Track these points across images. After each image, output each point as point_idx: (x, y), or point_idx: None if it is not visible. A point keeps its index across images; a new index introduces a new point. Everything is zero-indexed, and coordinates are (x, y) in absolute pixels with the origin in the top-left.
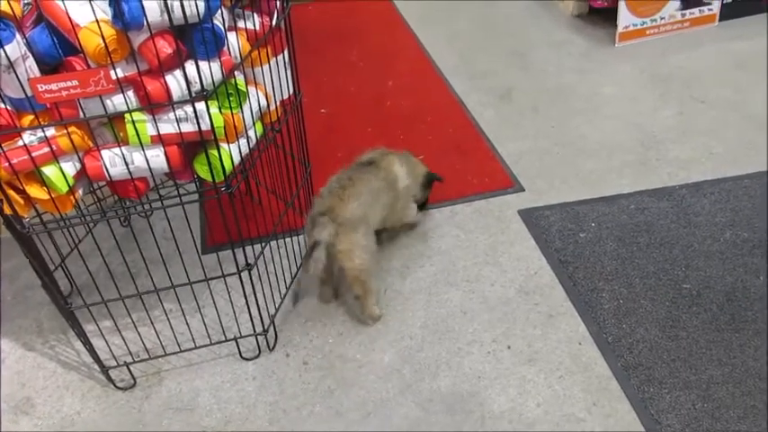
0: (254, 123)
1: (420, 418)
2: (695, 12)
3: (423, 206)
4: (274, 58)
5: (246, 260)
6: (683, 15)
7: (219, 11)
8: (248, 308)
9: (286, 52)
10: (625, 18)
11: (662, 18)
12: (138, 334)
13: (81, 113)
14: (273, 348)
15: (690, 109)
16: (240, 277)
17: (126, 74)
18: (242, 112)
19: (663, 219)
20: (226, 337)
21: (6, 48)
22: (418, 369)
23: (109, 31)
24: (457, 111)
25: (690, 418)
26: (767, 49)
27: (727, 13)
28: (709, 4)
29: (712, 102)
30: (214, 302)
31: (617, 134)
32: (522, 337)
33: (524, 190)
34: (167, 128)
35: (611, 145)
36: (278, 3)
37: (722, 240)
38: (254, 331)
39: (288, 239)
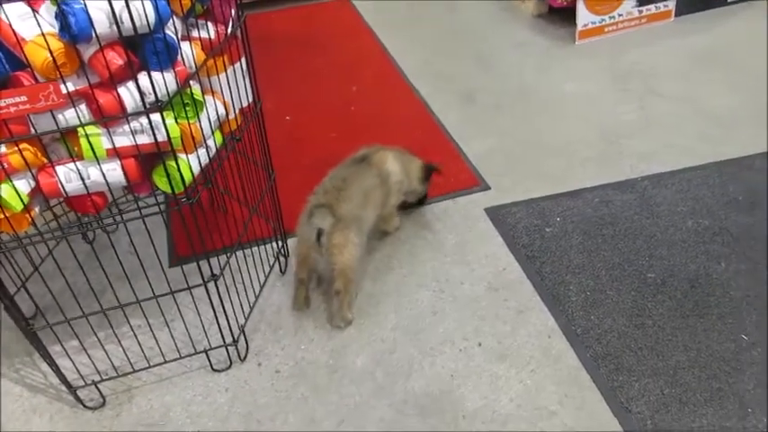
0: (212, 133)
1: (395, 421)
2: (651, 8)
3: (422, 201)
4: (231, 67)
5: (212, 271)
6: (640, 12)
7: (171, 21)
8: (217, 319)
9: (243, 60)
10: (584, 16)
11: (619, 15)
12: (106, 352)
13: (32, 129)
14: (245, 359)
15: (649, 103)
16: (206, 288)
17: (77, 87)
18: (199, 122)
19: (626, 210)
20: (195, 349)
21: None
22: (391, 371)
23: (56, 45)
24: (422, 113)
25: (659, 404)
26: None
27: (682, 9)
28: (664, 0)
29: (670, 96)
30: (182, 316)
31: (579, 130)
32: (492, 334)
33: (490, 188)
34: (123, 140)
35: (573, 141)
36: (233, 11)
37: (684, 229)
38: (224, 342)
39: (255, 249)
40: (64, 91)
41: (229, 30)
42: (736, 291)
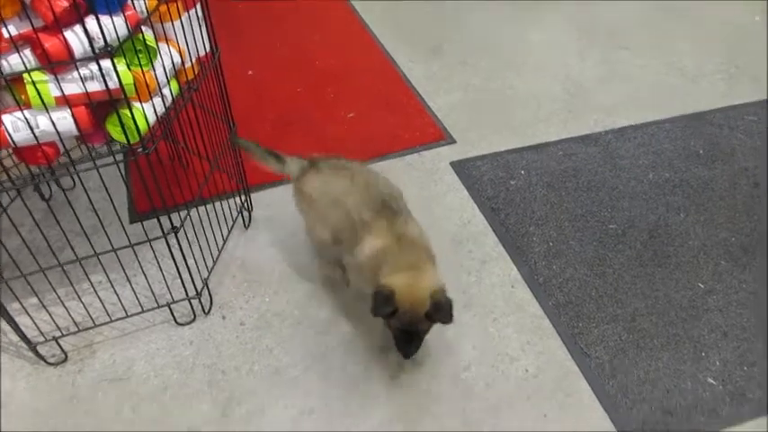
0: (168, 81)
1: (359, 371)
2: None
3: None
4: (186, 14)
5: (172, 224)
6: None
7: None
8: (179, 273)
9: (199, 7)
10: None
11: None
12: (66, 308)
13: None
14: (209, 312)
15: (614, 57)
16: (167, 241)
17: (20, 31)
18: (153, 70)
19: (590, 163)
20: (158, 303)
21: None
22: (356, 323)
23: None
24: (386, 67)
25: (617, 349)
26: None
27: None
28: None
29: (635, 49)
30: (143, 271)
31: (545, 84)
32: (457, 285)
33: (455, 142)
34: (72, 88)
35: (539, 95)
36: None
37: (645, 181)
38: (188, 296)
39: (217, 203)
40: (5, 35)
41: None
42: (694, 240)
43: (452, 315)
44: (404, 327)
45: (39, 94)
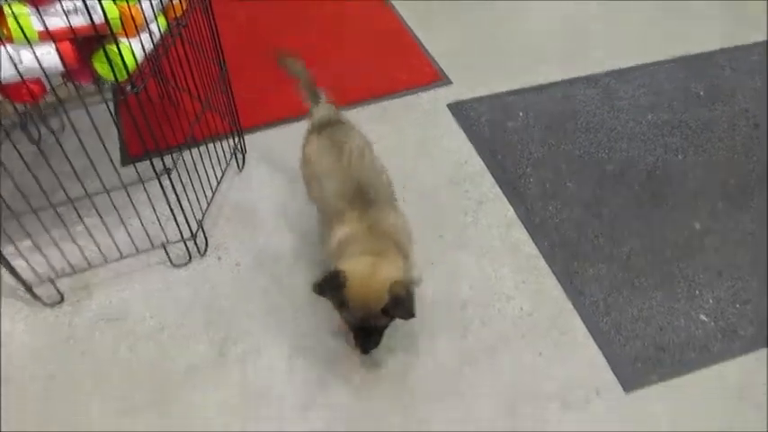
0: (155, 16)
1: None
2: None
3: None
4: None
5: (165, 165)
6: None
7: None
8: (173, 214)
9: None
10: None
11: None
12: (60, 250)
13: None
14: (204, 253)
15: None
16: (160, 182)
17: None
18: (140, 4)
19: (589, 105)
20: (153, 245)
21: None
22: None
23: None
24: (382, 8)
25: (611, 288)
26: None
27: None
28: None
29: None
30: (137, 213)
31: (545, 25)
32: (453, 225)
33: (452, 83)
34: (56, 21)
35: (538, 36)
36: None
37: (644, 123)
38: (182, 237)
39: (210, 145)
40: None
41: None
42: (692, 181)
43: (414, 312)
44: (357, 323)
45: (20, 27)
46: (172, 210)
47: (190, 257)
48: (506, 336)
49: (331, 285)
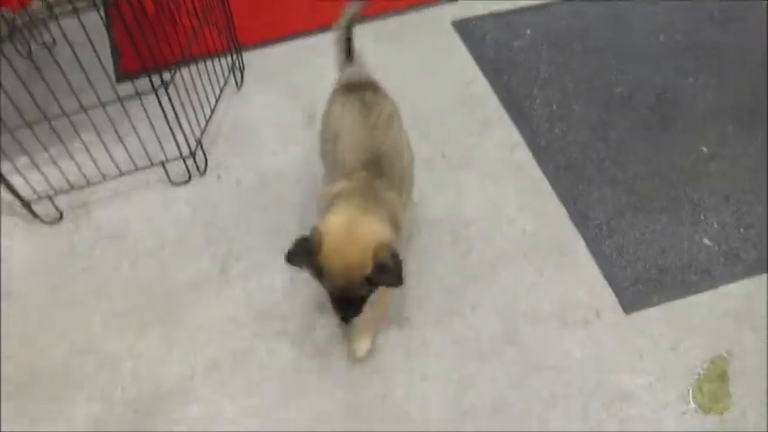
0: None
1: None
2: None
3: None
4: None
5: (162, 79)
6: None
7: None
8: (172, 131)
9: None
10: None
11: None
12: (59, 167)
13: None
14: (204, 172)
15: None
16: (158, 97)
17: None
18: None
19: (598, 24)
20: (152, 162)
21: None
22: None
23: None
24: None
25: (615, 211)
26: None
27: None
28: None
29: None
30: (135, 130)
31: None
32: (457, 146)
33: (457, 0)
34: None
35: None
36: None
37: (656, 44)
38: (181, 154)
39: (209, 63)
40: None
41: None
42: (702, 105)
43: (402, 278)
44: (337, 293)
45: None
46: (170, 127)
47: (189, 176)
48: (508, 255)
49: (303, 251)
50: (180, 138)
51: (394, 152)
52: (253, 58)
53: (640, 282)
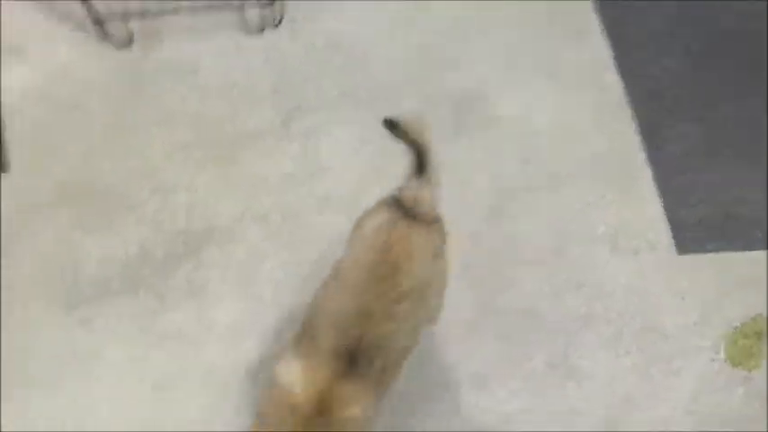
0: None
1: (425, 111)
2: None
3: None
4: None
5: None
6: None
7: None
8: None
9: None
10: None
11: None
12: None
13: None
14: (279, 24)
15: None
16: None
17: None
18: None
19: None
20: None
21: None
22: (425, 71)
23: None
24: None
25: (693, 150)
26: None
27: None
28: None
29: None
30: None
31: None
32: (542, 53)
33: None
34: None
35: None
36: None
37: None
38: None
39: None
40: None
41: None
42: None
43: None
44: None
45: None
46: None
47: (264, 27)
48: (573, 172)
49: None
50: None
51: (384, 342)
52: None
53: (702, 226)
